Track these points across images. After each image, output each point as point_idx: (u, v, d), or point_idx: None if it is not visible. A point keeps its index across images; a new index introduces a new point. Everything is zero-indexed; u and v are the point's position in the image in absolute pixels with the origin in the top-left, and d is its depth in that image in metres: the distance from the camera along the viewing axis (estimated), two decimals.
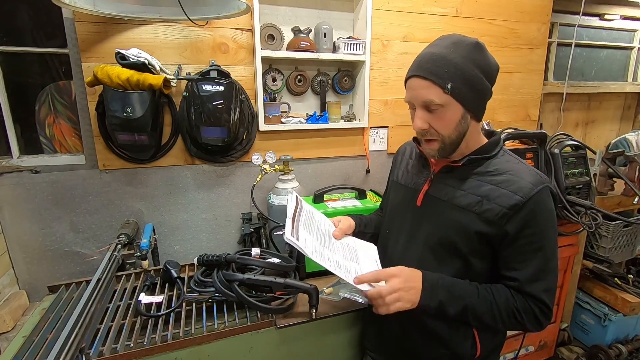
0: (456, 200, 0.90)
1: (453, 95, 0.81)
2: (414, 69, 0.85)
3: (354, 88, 1.88)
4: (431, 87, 0.81)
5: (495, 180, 0.87)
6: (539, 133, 1.69)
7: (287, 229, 0.93)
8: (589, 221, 1.62)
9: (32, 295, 1.50)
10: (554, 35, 2.47)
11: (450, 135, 0.85)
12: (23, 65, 1.50)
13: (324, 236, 1.02)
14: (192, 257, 1.37)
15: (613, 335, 2.11)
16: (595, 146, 1.98)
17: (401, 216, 1.02)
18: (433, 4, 1.90)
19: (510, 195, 0.83)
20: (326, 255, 0.94)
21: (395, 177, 1.10)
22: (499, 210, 0.83)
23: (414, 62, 0.86)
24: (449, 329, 0.93)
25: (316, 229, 1.03)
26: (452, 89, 0.81)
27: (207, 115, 1.44)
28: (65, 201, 1.51)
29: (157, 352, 1.02)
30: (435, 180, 0.96)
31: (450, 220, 0.90)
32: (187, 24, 1.51)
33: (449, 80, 0.80)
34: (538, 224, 0.83)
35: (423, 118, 0.85)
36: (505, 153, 0.93)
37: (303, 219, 1.03)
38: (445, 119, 0.84)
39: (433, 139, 0.87)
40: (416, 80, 0.84)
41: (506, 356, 1.86)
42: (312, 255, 0.91)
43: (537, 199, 0.82)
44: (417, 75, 0.83)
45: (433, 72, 0.81)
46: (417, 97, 0.84)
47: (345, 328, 1.24)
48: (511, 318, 0.85)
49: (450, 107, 0.83)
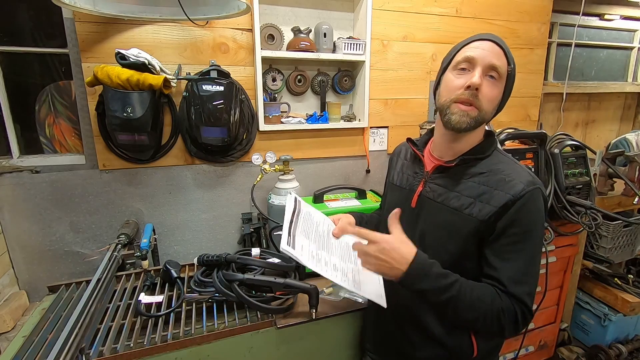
0: (449, 201, 0.89)
1: (509, 77, 0.85)
2: (486, 36, 0.86)
3: (354, 88, 1.88)
4: (502, 56, 0.84)
5: (488, 182, 0.86)
6: (539, 133, 1.69)
7: (284, 238, 0.91)
8: (589, 221, 1.62)
9: (32, 295, 1.50)
10: (554, 35, 2.47)
11: (487, 111, 0.86)
12: (23, 65, 1.50)
13: (322, 238, 1.02)
14: (192, 257, 1.37)
15: (613, 335, 2.11)
16: (595, 146, 1.98)
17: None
18: (433, 4, 1.90)
19: (502, 195, 0.83)
20: (323, 259, 0.94)
21: (391, 179, 1.10)
22: (490, 210, 0.83)
23: (478, 34, 0.88)
24: (445, 329, 0.93)
25: (314, 231, 1.02)
26: (511, 70, 0.85)
27: (207, 115, 1.44)
28: (65, 201, 1.51)
29: (157, 352, 1.02)
30: (429, 181, 0.95)
31: (443, 222, 0.89)
32: (187, 24, 1.51)
33: (512, 62, 0.85)
34: (525, 224, 0.82)
35: (481, 78, 0.83)
36: (499, 153, 0.93)
37: (301, 222, 1.02)
38: (493, 94, 0.85)
39: (476, 106, 0.84)
40: (490, 44, 0.84)
41: (506, 356, 1.86)
42: (309, 263, 0.90)
43: (527, 198, 0.82)
44: (492, 40, 0.85)
45: (505, 47, 0.85)
46: (485, 57, 0.83)
47: (345, 328, 1.24)
48: (494, 319, 0.81)
49: (502, 84, 0.85)
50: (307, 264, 0.90)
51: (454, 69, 0.87)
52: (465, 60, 0.84)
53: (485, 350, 0.96)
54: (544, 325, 2.03)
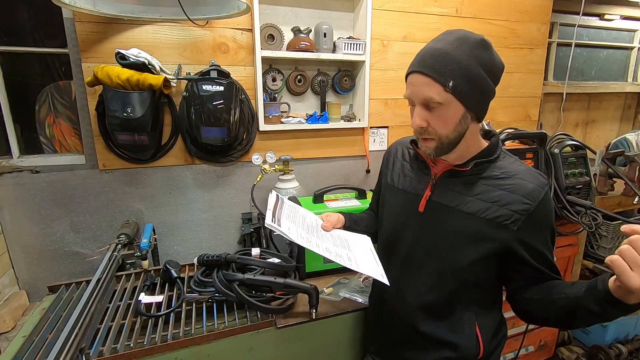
0: (464, 206, 0.87)
1: (454, 93, 0.78)
2: (415, 65, 0.82)
3: (354, 88, 1.88)
4: (432, 84, 0.79)
5: (503, 185, 0.85)
6: (539, 133, 1.69)
7: (268, 216, 0.89)
8: (589, 221, 1.62)
9: (32, 295, 1.49)
10: (554, 35, 2.47)
11: (448, 135, 0.83)
12: (23, 65, 1.50)
13: (310, 227, 0.99)
14: (192, 257, 1.37)
15: (613, 335, 2.11)
16: (595, 146, 1.98)
17: (402, 223, 0.98)
18: (433, 4, 1.90)
19: (521, 199, 0.83)
20: (314, 242, 0.91)
21: (390, 180, 1.06)
22: (510, 215, 0.83)
23: (416, 57, 0.83)
24: (454, 332, 0.92)
25: (301, 221, 1.00)
26: (454, 87, 0.78)
27: (207, 115, 1.44)
28: (65, 201, 1.51)
29: (157, 352, 1.02)
30: (439, 185, 0.92)
31: (458, 227, 0.87)
32: (187, 24, 1.51)
33: (451, 78, 0.77)
34: (546, 223, 0.86)
35: (422, 116, 0.82)
36: (506, 155, 0.92)
37: (285, 211, 0.99)
38: (445, 118, 0.81)
39: (430, 138, 0.84)
40: (417, 76, 0.81)
41: (506, 356, 1.86)
42: (298, 239, 0.87)
43: (544, 201, 0.84)
44: (418, 71, 0.80)
45: (434, 69, 0.78)
46: (416, 93, 0.82)
47: (345, 328, 1.24)
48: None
49: (451, 106, 0.80)
50: (297, 241, 0.88)
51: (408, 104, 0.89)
52: (407, 98, 0.86)
53: (490, 349, 0.96)
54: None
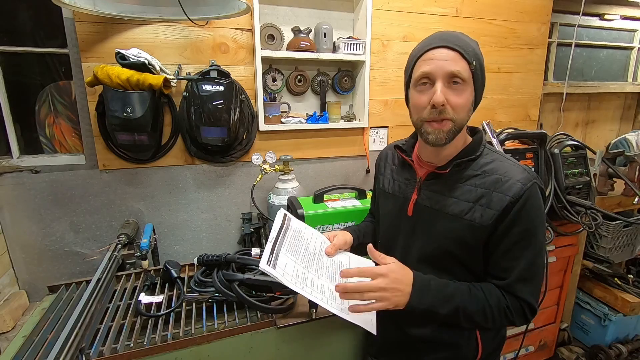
0: (448, 208, 0.87)
1: (474, 75, 0.79)
2: (437, 41, 0.80)
3: (354, 88, 1.88)
4: (459, 59, 0.78)
5: (485, 184, 0.84)
6: (539, 133, 1.69)
7: (265, 256, 0.85)
8: (589, 221, 1.62)
9: (32, 295, 1.49)
10: (554, 35, 2.47)
11: (462, 119, 0.81)
12: (23, 65, 1.50)
13: (312, 256, 0.95)
14: (192, 257, 1.37)
15: (613, 335, 2.11)
16: (595, 146, 1.98)
17: (394, 226, 0.99)
18: (433, 4, 1.90)
19: (502, 197, 0.81)
20: (309, 280, 0.87)
21: (382, 185, 1.06)
22: (492, 214, 0.82)
23: (431, 38, 0.82)
24: (453, 333, 0.92)
25: (303, 249, 0.95)
26: (475, 68, 0.79)
27: (207, 115, 1.44)
28: (65, 201, 1.51)
29: (157, 352, 1.02)
30: (423, 187, 0.92)
31: (444, 229, 0.87)
32: (187, 24, 1.51)
33: (474, 59, 0.79)
34: (527, 222, 0.82)
35: (444, 92, 0.78)
36: (490, 151, 0.91)
37: (288, 239, 0.95)
38: (464, 98, 0.80)
39: (448, 118, 0.80)
40: (442, 50, 0.79)
41: (506, 356, 1.86)
42: (292, 284, 0.83)
43: (526, 197, 0.81)
44: (444, 46, 0.79)
45: (460, 46, 0.78)
46: (442, 67, 0.78)
47: (345, 328, 1.24)
48: (502, 317, 0.84)
49: (469, 86, 0.80)
50: (290, 286, 0.83)
51: (416, 85, 0.84)
52: (423, 77, 0.81)
53: (490, 350, 0.96)
54: (544, 325, 2.03)
